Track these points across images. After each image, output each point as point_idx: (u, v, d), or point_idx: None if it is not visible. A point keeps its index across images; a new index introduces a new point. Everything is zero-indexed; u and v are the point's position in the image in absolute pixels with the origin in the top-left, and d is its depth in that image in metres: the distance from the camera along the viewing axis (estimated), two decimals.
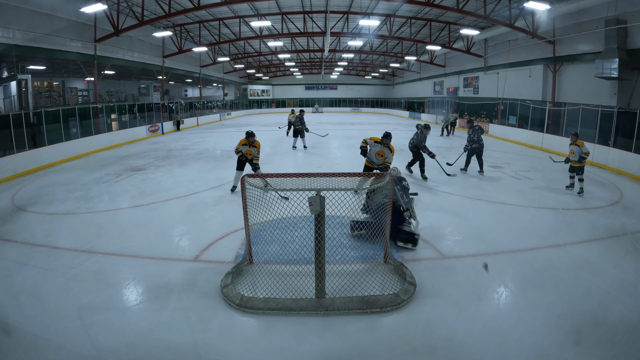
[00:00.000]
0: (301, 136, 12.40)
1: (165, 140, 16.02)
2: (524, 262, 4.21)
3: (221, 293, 3.45)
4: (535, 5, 11.37)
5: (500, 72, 18.35)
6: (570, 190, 7.17)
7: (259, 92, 40.79)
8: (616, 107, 10.78)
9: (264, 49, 26.09)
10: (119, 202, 6.62)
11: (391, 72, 36.13)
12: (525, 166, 9.88)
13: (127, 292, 3.59)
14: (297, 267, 3.87)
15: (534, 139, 13.86)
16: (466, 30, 16.31)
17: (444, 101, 25.29)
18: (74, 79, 21.31)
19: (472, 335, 2.89)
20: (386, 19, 18.11)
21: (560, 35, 13.84)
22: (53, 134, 10.86)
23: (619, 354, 2.71)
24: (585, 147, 6.82)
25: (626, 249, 4.60)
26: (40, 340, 2.85)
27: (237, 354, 2.75)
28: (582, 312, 3.17)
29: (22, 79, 14.58)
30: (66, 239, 4.85)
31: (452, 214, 5.86)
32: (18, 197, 6.93)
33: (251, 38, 20.41)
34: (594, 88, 12.43)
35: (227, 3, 13.50)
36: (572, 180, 7.16)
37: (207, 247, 4.55)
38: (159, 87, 22.90)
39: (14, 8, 10.33)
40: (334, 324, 3.08)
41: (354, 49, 25.25)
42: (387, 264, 4.00)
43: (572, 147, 6.90)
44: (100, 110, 14.11)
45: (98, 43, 13.92)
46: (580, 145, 6.79)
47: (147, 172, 9.12)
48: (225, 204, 6.31)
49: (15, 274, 3.93)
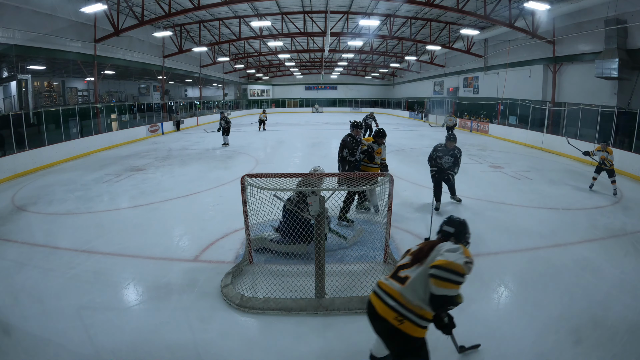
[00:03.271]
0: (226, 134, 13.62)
1: (165, 140, 16.02)
2: (524, 262, 4.20)
3: (221, 293, 3.45)
4: (535, 5, 11.38)
5: (500, 72, 18.35)
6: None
7: (259, 92, 40.80)
8: (616, 107, 10.78)
9: (264, 49, 26.09)
10: (119, 202, 6.62)
11: (391, 72, 36.13)
12: (525, 166, 9.87)
13: (127, 292, 3.59)
14: (297, 267, 3.86)
15: (534, 139, 13.86)
16: (466, 30, 16.32)
17: (444, 101, 25.30)
18: (74, 79, 21.32)
19: (472, 335, 2.89)
20: (386, 19, 18.11)
21: (560, 35, 13.84)
22: (53, 134, 10.86)
23: (619, 354, 2.71)
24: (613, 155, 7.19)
25: (626, 249, 4.59)
26: (40, 340, 2.85)
27: (237, 354, 2.75)
28: (582, 312, 3.17)
29: (22, 79, 14.58)
30: (66, 239, 4.85)
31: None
32: (18, 197, 6.93)
33: (251, 38, 20.42)
34: (594, 88, 12.42)
35: (227, 3, 13.50)
36: (594, 180, 7.38)
37: (207, 247, 4.55)
38: (159, 87, 22.90)
39: (14, 8, 10.33)
40: (334, 324, 3.08)
41: (354, 49, 25.25)
42: (387, 264, 4.00)
43: (602, 154, 7.16)
44: (100, 110, 14.11)
45: (98, 43, 13.92)
46: (610, 153, 7.12)
47: (147, 172, 9.12)
48: (225, 204, 6.31)
49: (15, 274, 3.93)
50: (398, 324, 1.77)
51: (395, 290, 1.85)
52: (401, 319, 1.77)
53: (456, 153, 5.84)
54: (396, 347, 1.83)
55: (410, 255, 1.99)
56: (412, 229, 5.11)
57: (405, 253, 2.10)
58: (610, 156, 7.11)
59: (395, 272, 1.94)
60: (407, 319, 1.78)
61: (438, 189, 5.88)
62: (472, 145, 14.00)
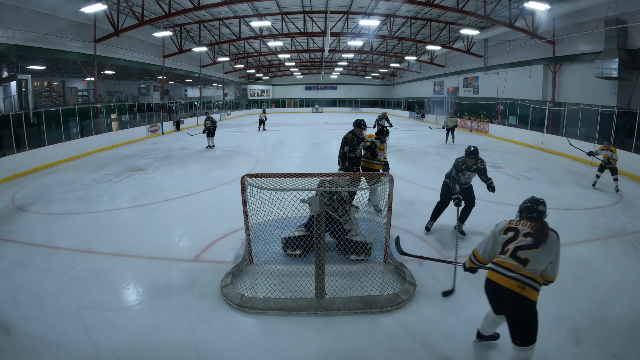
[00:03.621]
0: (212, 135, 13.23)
1: (165, 140, 16.02)
2: None
3: (221, 293, 3.45)
4: (535, 5, 11.37)
5: (500, 72, 18.35)
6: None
7: (259, 92, 40.78)
8: (616, 107, 10.79)
9: (264, 49, 26.09)
10: (119, 202, 6.62)
11: (391, 72, 36.11)
12: (525, 166, 9.87)
13: (127, 292, 3.59)
14: (297, 267, 3.86)
15: (534, 139, 13.86)
16: (466, 30, 16.32)
17: (444, 101, 25.30)
18: (74, 79, 21.31)
19: (472, 335, 2.89)
20: (386, 19, 18.10)
21: (560, 35, 13.84)
22: (53, 134, 10.86)
23: (619, 354, 2.71)
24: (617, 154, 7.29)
25: (626, 249, 4.60)
26: (40, 340, 2.85)
27: (237, 354, 2.75)
28: (582, 312, 3.17)
29: (22, 79, 14.56)
30: (66, 239, 4.85)
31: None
32: (18, 197, 6.93)
33: (251, 38, 20.41)
34: (594, 88, 12.42)
35: (227, 3, 13.50)
36: (597, 178, 7.50)
37: (207, 247, 4.55)
38: (159, 87, 22.90)
39: (14, 8, 10.33)
40: (334, 324, 3.08)
41: (354, 49, 25.25)
42: (387, 264, 4.00)
43: (606, 153, 7.26)
44: (100, 110, 14.11)
45: (98, 43, 13.92)
46: (614, 152, 7.22)
47: (147, 172, 9.12)
48: (225, 204, 6.30)
49: (15, 274, 3.93)
50: (521, 290, 2.08)
51: (517, 267, 2.15)
52: (523, 285, 2.08)
53: (479, 166, 4.63)
54: (519, 311, 2.14)
55: (524, 237, 2.24)
56: (412, 229, 5.11)
57: (511, 230, 2.32)
58: (615, 155, 7.19)
59: (514, 252, 2.19)
60: (528, 285, 2.10)
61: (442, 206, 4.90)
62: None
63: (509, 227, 2.35)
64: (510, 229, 2.33)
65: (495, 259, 2.29)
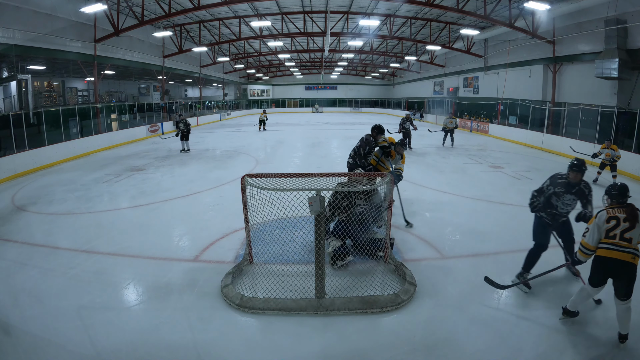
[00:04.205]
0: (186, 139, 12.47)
1: (165, 140, 16.01)
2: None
3: (221, 293, 3.45)
4: (535, 5, 11.37)
5: (500, 72, 18.35)
6: None
7: (259, 92, 40.79)
8: (616, 107, 10.78)
9: (264, 49, 26.09)
10: (119, 202, 6.62)
11: (391, 72, 36.12)
12: (525, 166, 9.87)
13: (127, 292, 3.59)
14: (297, 267, 3.86)
15: (534, 139, 13.86)
16: (466, 30, 16.32)
17: (444, 101, 25.29)
18: (74, 79, 21.32)
19: (472, 335, 2.89)
20: (386, 19, 18.11)
21: (560, 35, 13.84)
22: (53, 134, 10.86)
23: (619, 354, 2.72)
24: (619, 151, 7.54)
25: None
26: (40, 340, 2.85)
27: (237, 354, 2.75)
28: (582, 312, 3.17)
29: (22, 79, 14.57)
30: (66, 239, 4.85)
31: (452, 214, 5.85)
32: (18, 197, 6.93)
33: (251, 38, 20.41)
34: (594, 88, 12.42)
35: (227, 3, 13.50)
36: (598, 175, 7.84)
37: (207, 247, 4.55)
38: (159, 87, 22.90)
39: (14, 8, 10.33)
40: (334, 324, 3.08)
41: (354, 49, 25.24)
42: (387, 264, 4.00)
43: (607, 151, 7.51)
44: (100, 110, 14.11)
45: (98, 43, 13.92)
46: (615, 149, 7.45)
47: (147, 172, 9.12)
48: (225, 204, 6.31)
49: (15, 274, 3.93)
50: (632, 260, 2.71)
51: (627, 244, 2.75)
52: (634, 257, 2.72)
53: (583, 189, 3.64)
54: (631, 275, 2.74)
55: (624, 222, 2.77)
56: (412, 229, 5.11)
57: (613, 219, 2.82)
58: (617, 152, 7.37)
59: (621, 235, 2.76)
60: (637, 256, 2.73)
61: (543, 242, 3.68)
62: (472, 145, 14.01)
63: (611, 217, 2.84)
64: (612, 218, 2.83)
65: (607, 240, 2.80)
